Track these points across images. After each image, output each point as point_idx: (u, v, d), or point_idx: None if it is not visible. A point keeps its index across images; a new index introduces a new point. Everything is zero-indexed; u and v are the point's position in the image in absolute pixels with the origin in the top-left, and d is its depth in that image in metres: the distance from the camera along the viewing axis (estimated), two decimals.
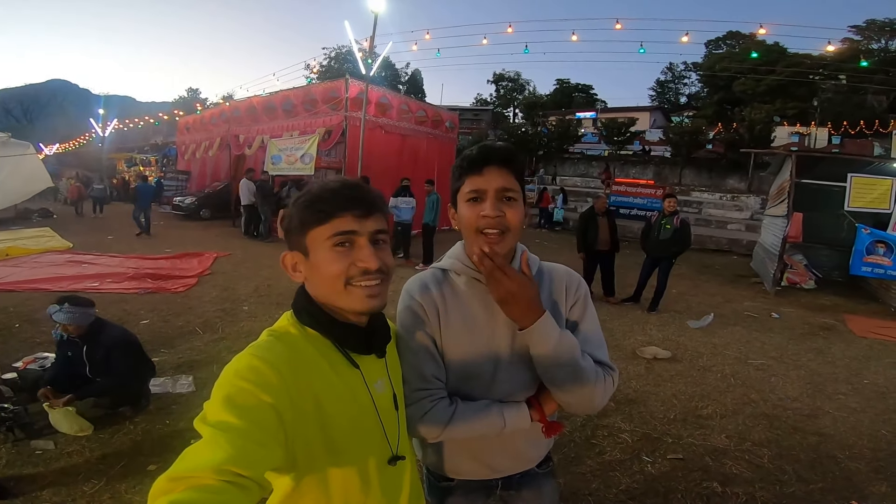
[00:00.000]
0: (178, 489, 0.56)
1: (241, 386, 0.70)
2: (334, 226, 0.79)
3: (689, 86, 44.07)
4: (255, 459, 0.63)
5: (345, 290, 0.81)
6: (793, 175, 7.67)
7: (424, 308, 1.03)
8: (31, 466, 2.51)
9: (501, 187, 0.97)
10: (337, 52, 39.99)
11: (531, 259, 1.07)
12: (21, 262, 7.67)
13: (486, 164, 0.97)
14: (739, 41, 34.39)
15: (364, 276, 0.81)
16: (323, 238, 0.80)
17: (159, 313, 5.21)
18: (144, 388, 3.23)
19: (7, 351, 3.92)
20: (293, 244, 0.84)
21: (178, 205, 15.05)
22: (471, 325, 1.03)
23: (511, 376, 1.04)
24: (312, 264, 0.82)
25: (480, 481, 1.15)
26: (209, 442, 0.63)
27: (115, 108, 32.58)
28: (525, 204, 1.03)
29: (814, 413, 3.55)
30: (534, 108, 37.62)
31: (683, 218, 6.06)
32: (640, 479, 2.59)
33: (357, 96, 10.49)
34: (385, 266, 0.84)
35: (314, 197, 0.81)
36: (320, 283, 0.82)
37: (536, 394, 1.06)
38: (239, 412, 0.66)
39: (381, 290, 0.84)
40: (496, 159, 0.98)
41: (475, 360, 1.04)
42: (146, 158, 26.21)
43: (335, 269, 0.80)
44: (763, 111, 23.88)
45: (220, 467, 0.58)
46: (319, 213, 0.80)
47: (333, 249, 0.80)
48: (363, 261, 0.80)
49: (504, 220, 0.97)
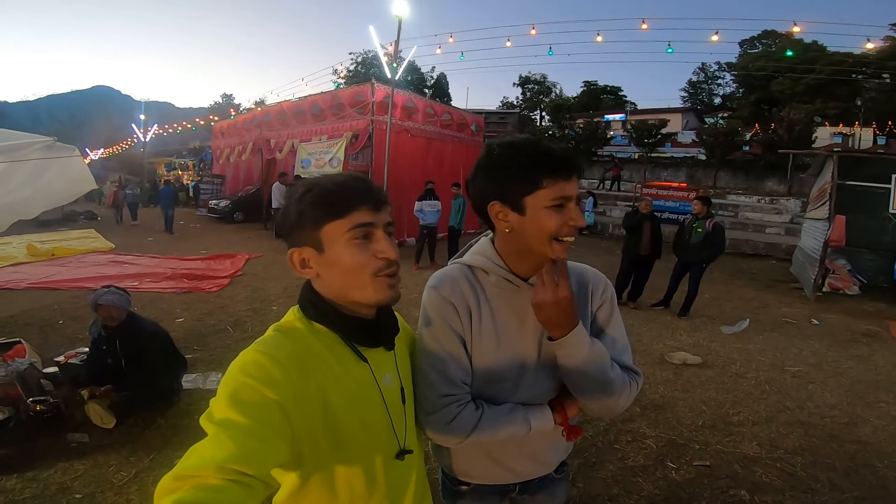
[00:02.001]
0: (183, 488, 0.56)
1: (246, 382, 0.69)
2: (353, 219, 0.79)
3: (724, 86, 42.87)
4: (260, 457, 0.63)
5: (370, 281, 0.80)
6: (835, 176, 7.35)
7: (455, 306, 0.98)
8: (65, 458, 2.60)
9: (575, 196, 0.94)
10: (363, 57, 40.67)
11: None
12: (66, 261, 8.11)
13: (573, 171, 0.92)
14: (776, 40, 33.20)
15: (387, 267, 0.81)
16: (342, 232, 0.79)
17: (193, 312, 5.41)
18: (176, 384, 3.34)
19: (50, 346, 4.13)
20: (302, 240, 0.81)
21: (213, 207, 15.57)
22: (500, 328, 1.00)
23: (536, 382, 1.02)
24: (329, 259, 0.80)
25: (497, 486, 1.13)
26: (214, 440, 0.63)
27: (156, 114, 33.94)
28: None
29: (852, 421, 3.39)
30: (561, 111, 37.29)
31: (717, 222, 5.84)
32: (664, 486, 2.52)
33: (383, 100, 10.62)
34: (398, 257, 0.85)
35: (326, 191, 0.80)
36: (339, 277, 0.81)
37: (559, 396, 1.04)
38: (243, 409, 0.66)
39: (398, 280, 0.84)
40: (579, 167, 0.93)
41: (502, 364, 1.01)
42: (184, 163, 27.25)
43: (358, 262, 0.79)
44: (803, 111, 22.93)
45: (223, 466, 0.59)
46: (336, 208, 0.79)
47: (353, 242, 0.79)
48: (383, 252, 0.81)
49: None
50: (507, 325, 1.01)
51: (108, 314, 3.00)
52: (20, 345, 3.64)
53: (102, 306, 2.98)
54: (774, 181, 22.49)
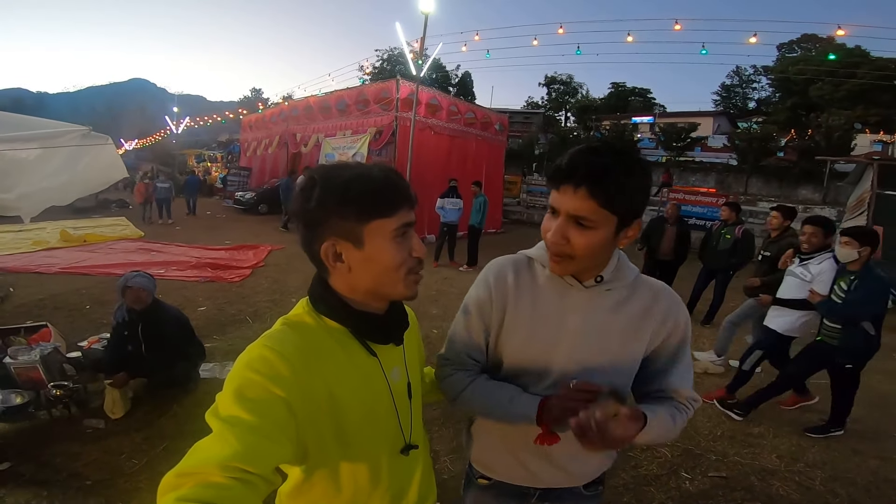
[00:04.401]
0: (186, 485, 0.57)
1: (252, 379, 0.69)
2: (400, 218, 0.79)
3: (759, 90, 41.56)
4: (264, 455, 0.63)
5: (404, 279, 0.81)
6: (874, 185, 7.07)
7: (492, 297, 1.03)
8: (80, 444, 2.64)
9: (577, 214, 0.85)
10: (389, 54, 40.84)
11: (628, 269, 1.01)
12: (97, 248, 8.39)
13: (562, 181, 0.86)
14: (816, 44, 32.05)
15: (419, 265, 0.84)
16: (388, 230, 0.78)
17: (215, 301, 5.53)
18: (194, 372, 3.41)
19: (76, 330, 4.25)
20: (339, 232, 0.77)
21: (239, 199, 15.90)
22: (537, 323, 1.00)
23: (559, 384, 0.99)
24: (367, 255, 0.78)
25: (517, 487, 1.11)
26: (218, 437, 0.63)
27: (188, 107, 34.95)
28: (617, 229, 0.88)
29: (877, 436, 3.27)
30: (587, 112, 36.73)
31: (746, 228, 5.66)
32: (676, 496, 2.46)
33: (407, 97, 10.67)
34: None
35: (373, 187, 0.77)
36: (374, 273, 0.80)
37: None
38: (249, 406, 0.66)
39: (421, 277, 0.87)
40: (577, 177, 0.84)
41: (527, 359, 1.02)
42: (213, 155, 27.90)
43: (398, 260, 0.79)
44: (842, 117, 22.05)
45: (227, 463, 0.59)
46: (387, 204, 0.78)
47: (395, 241, 0.79)
48: (417, 250, 0.83)
49: (568, 247, 0.89)
50: (546, 322, 1.00)
51: (137, 296, 3.06)
52: (46, 328, 3.75)
53: (131, 288, 3.04)
54: (809, 189, 21.69)
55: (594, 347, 0.98)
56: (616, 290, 0.99)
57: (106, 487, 2.32)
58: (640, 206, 0.89)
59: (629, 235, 0.91)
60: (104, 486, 2.33)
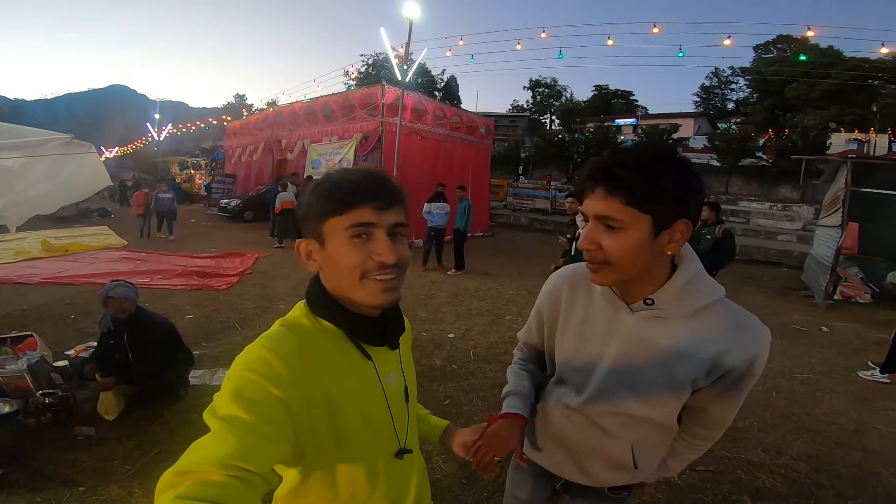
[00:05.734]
0: (184, 484, 0.56)
1: (251, 379, 0.69)
2: (353, 216, 0.76)
3: (737, 91, 42.42)
4: (262, 454, 0.63)
5: (360, 283, 0.78)
6: (848, 183, 7.26)
7: (544, 310, 1.12)
8: (72, 451, 2.62)
9: (601, 215, 0.85)
10: (374, 59, 40.86)
11: (700, 294, 0.91)
12: (80, 257, 8.26)
13: (585, 186, 0.87)
14: (791, 45, 32.83)
15: (380, 270, 0.78)
16: (341, 228, 0.77)
17: (202, 309, 5.48)
18: (183, 379, 3.38)
19: (62, 340, 4.20)
20: (309, 231, 0.81)
21: (224, 207, 15.74)
22: (586, 335, 1.02)
23: (601, 388, 1.01)
24: (328, 254, 0.79)
25: (547, 471, 1.17)
26: (216, 436, 0.63)
27: (170, 113, 34.46)
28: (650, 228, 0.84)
29: (860, 429, 3.36)
30: (571, 115, 37.16)
31: (727, 228, 5.76)
32: (665, 490, 2.51)
33: (393, 102, 10.70)
34: (401, 260, 0.80)
35: (335, 185, 0.78)
36: (335, 274, 0.80)
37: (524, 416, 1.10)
38: (247, 405, 0.66)
39: (396, 283, 0.81)
40: (594, 178, 0.85)
41: (572, 369, 1.06)
42: (196, 162, 27.56)
43: (351, 262, 0.77)
44: (818, 117, 22.67)
45: (225, 462, 0.59)
46: (339, 202, 0.77)
47: (350, 241, 0.77)
48: (379, 254, 0.77)
49: (601, 252, 0.87)
50: (592, 341, 1.01)
51: (119, 306, 3.05)
52: (32, 338, 3.71)
53: (113, 298, 3.03)
54: (787, 188, 22.25)
55: (627, 381, 0.97)
56: (671, 319, 0.92)
57: (99, 493, 2.31)
58: (681, 206, 0.82)
59: (676, 239, 0.85)
60: (98, 492, 2.32)
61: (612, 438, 1.03)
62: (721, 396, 0.95)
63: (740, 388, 0.94)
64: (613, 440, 1.03)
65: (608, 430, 1.02)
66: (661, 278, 0.91)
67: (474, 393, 3.57)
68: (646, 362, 0.93)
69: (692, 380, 0.92)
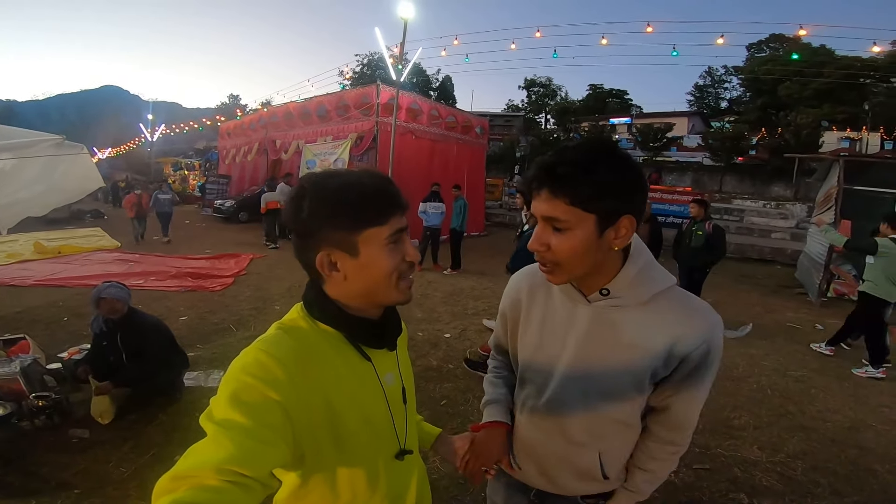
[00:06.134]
0: (181, 489, 0.56)
1: (248, 382, 0.68)
2: (392, 225, 0.79)
3: (731, 90, 42.61)
4: (259, 459, 0.62)
5: (396, 285, 0.81)
6: (840, 181, 7.32)
7: (506, 309, 1.14)
8: (67, 454, 2.61)
9: (547, 216, 0.86)
10: (369, 59, 40.73)
11: (652, 281, 0.93)
12: (72, 259, 8.19)
13: (531, 188, 0.88)
14: (783, 44, 33.02)
15: (410, 270, 0.84)
16: (382, 237, 0.78)
17: (197, 310, 5.45)
18: (178, 381, 3.37)
19: (55, 343, 4.17)
20: (332, 242, 0.78)
21: (218, 208, 15.65)
22: (546, 332, 1.03)
23: (560, 391, 1.00)
24: (362, 263, 0.78)
25: (519, 482, 1.16)
26: (213, 440, 0.63)
27: (163, 114, 34.17)
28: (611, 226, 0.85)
29: (854, 426, 3.38)
30: (566, 114, 37.17)
31: (716, 223, 5.79)
32: (662, 489, 2.48)
33: (388, 102, 10.67)
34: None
35: (366, 195, 0.78)
36: (369, 280, 0.80)
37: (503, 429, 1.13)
38: (244, 410, 0.65)
39: (413, 280, 0.86)
40: (539, 180, 0.86)
41: (534, 366, 1.05)
42: (190, 162, 27.41)
43: (391, 266, 0.79)
44: (810, 115, 22.82)
45: (222, 467, 0.58)
46: (378, 213, 0.78)
47: (387, 247, 0.79)
48: (410, 255, 0.83)
49: (550, 253, 0.88)
50: (553, 336, 1.01)
51: (112, 307, 3.03)
52: (24, 340, 3.68)
53: (105, 300, 3.00)
54: (781, 186, 22.38)
55: (588, 375, 0.97)
56: (628, 307, 0.93)
57: (95, 496, 2.30)
58: (624, 202, 0.84)
59: (622, 235, 0.86)
60: (93, 495, 2.30)
61: (578, 447, 1.02)
62: (681, 390, 0.95)
63: (698, 380, 0.93)
64: (580, 448, 1.02)
65: (573, 436, 1.01)
66: (615, 269, 0.93)
67: (470, 393, 3.56)
68: (605, 353, 0.94)
69: (651, 369, 0.92)
